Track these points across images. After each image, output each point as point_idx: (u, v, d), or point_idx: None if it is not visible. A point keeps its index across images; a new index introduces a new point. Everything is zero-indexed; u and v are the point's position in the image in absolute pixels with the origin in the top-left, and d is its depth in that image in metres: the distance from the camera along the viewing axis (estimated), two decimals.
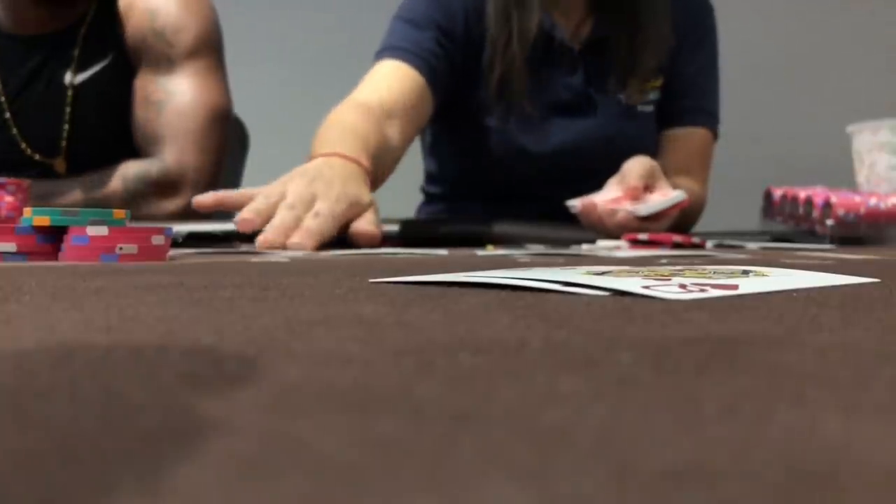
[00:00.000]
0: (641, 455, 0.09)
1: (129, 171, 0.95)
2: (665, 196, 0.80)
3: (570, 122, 0.98)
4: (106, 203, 0.92)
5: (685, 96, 1.03)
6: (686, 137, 1.03)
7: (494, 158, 0.99)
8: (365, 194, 0.72)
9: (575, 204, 0.83)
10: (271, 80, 1.89)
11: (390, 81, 0.91)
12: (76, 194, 0.94)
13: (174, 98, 0.97)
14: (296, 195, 0.67)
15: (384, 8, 1.05)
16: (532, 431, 0.10)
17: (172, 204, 0.96)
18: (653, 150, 0.97)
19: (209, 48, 1.00)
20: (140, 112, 0.98)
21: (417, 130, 0.94)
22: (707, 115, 1.04)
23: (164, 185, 0.96)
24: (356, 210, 0.70)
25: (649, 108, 1.01)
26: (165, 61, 0.98)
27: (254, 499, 0.07)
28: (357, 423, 0.10)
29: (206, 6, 1.02)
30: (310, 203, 0.67)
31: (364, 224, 0.69)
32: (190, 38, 0.98)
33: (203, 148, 0.97)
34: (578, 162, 0.97)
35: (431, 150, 1.09)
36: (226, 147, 1.02)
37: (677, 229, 0.86)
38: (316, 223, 0.65)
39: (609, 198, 0.81)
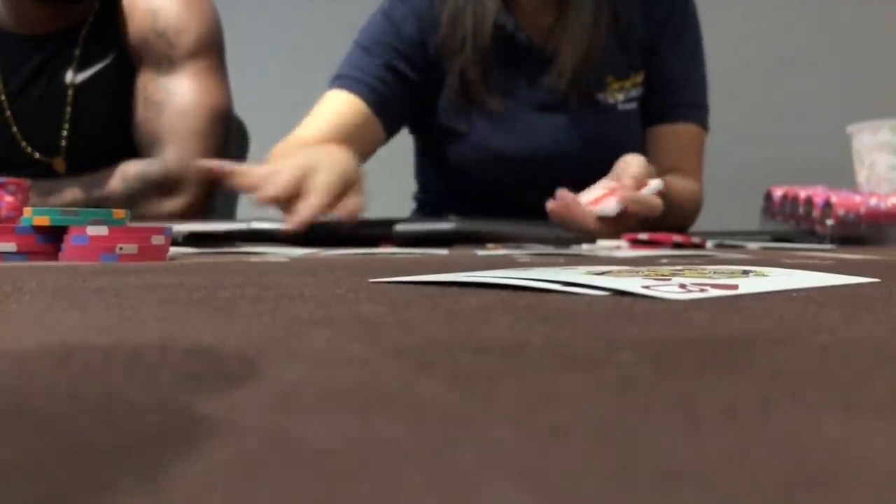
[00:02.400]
0: (641, 455, 0.09)
1: (129, 171, 0.95)
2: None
3: (545, 122, 0.97)
4: (106, 203, 0.92)
5: (669, 92, 1.01)
6: (675, 134, 1.01)
7: (473, 165, 0.99)
8: (354, 164, 0.77)
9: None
10: (271, 80, 1.89)
11: (331, 115, 0.95)
12: (76, 193, 0.94)
13: (175, 98, 0.97)
14: (294, 166, 0.72)
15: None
16: (532, 431, 0.10)
17: (173, 203, 0.96)
18: (636, 148, 0.96)
19: (210, 48, 1.00)
20: (141, 112, 0.98)
21: (364, 157, 0.95)
22: (694, 109, 1.02)
23: (165, 185, 0.96)
24: (350, 178, 0.74)
25: (631, 106, 0.99)
26: (167, 62, 0.98)
27: (254, 499, 0.07)
28: (357, 423, 0.10)
29: (208, 6, 1.02)
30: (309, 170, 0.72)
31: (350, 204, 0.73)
32: (191, 38, 0.98)
33: (204, 148, 0.98)
34: (558, 161, 0.96)
35: (417, 162, 1.11)
36: (226, 147, 1.02)
37: (675, 229, 0.85)
38: (315, 185, 0.70)
39: (591, 198, 0.80)
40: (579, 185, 0.85)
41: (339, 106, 0.95)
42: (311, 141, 0.90)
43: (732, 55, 1.60)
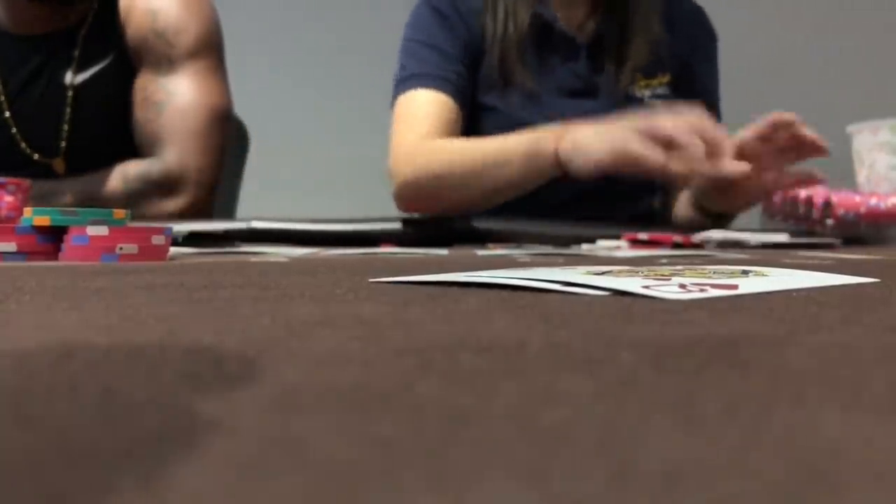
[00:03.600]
0: (641, 455, 0.09)
1: (129, 171, 0.95)
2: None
3: (574, 104, 1.01)
4: (106, 203, 0.92)
5: (706, 106, 1.07)
6: None
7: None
8: None
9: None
10: (271, 80, 1.89)
11: (433, 115, 0.98)
12: (76, 194, 0.93)
13: (175, 98, 0.97)
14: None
15: (384, 8, 1.06)
16: (532, 431, 0.10)
17: (173, 204, 0.96)
18: None
19: (210, 49, 1.00)
20: (140, 112, 0.98)
21: None
22: (717, 117, 1.09)
23: (165, 186, 0.96)
24: None
25: (657, 102, 1.04)
26: (166, 62, 0.98)
27: (254, 499, 0.07)
28: (357, 423, 0.10)
29: (207, 7, 1.02)
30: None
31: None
32: (191, 38, 0.98)
33: (204, 148, 0.97)
34: None
35: None
36: (226, 147, 1.02)
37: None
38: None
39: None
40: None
41: (433, 104, 0.98)
42: (437, 136, 0.96)
43: (732, 55, 1.59)
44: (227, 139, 1.02)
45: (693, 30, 1.08)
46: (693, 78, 1.07)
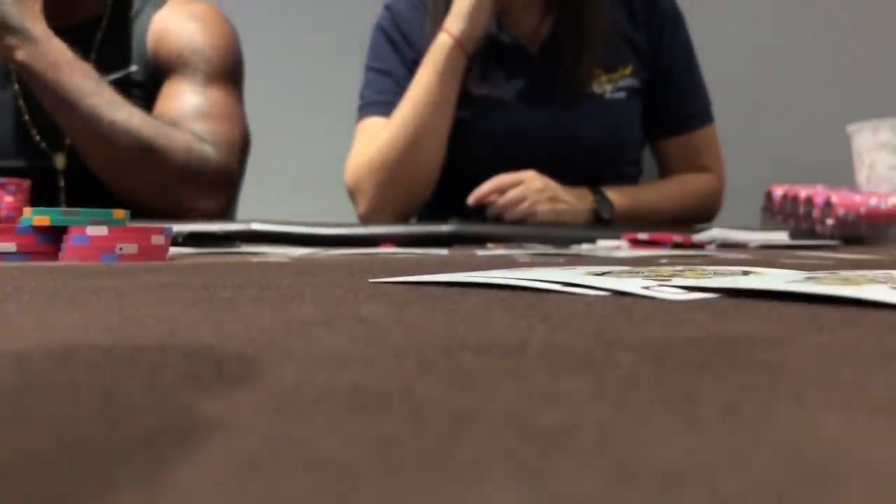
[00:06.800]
0: (641, 455, 0.09)
1: (194, 146, 0.92)
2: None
3: (534, 111, 1.01)
4: (156, 163, 0.88)
5: (679, 103, 1.07)
6: (691, 141, 1.08)
7: (466, 150, 1.02)
8: None
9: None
10: (271, 81, 1.89)
11: None
12: (134, 122, 0.88)
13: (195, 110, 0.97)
14: None
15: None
16: (532, 431, 0.10)
17: (213, 203, 0.95)
18: (625, 131, 1.04)
19: (229, 77, 1.01)
20: (161, 105, 0.98)
21: None
22: (707, 113, 1.09)
23: (216, 180, 0.94)
24: None
25: (620, 95, 1.03)
26: (189, 79, 0.98)
27: (254, 499, 0.07)
28: (357, 423, 0.10)
29: (229, 35, 1.02)
30: None
31: None
32: (210, 66, 0.99)
33: (235, 157, 0.99)
34: (546, 146, 1.01)
35: None
36: (242, 174, 1.03)
37: (698, 219, 0.90)
38: None
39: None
40: (567, 165, 0.96)
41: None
42: None
43: (732, 55, 1.60)
44: (243, 168, 1.02)
45: (653, 15, 1.06)
46: (668, 77, 1.06)
